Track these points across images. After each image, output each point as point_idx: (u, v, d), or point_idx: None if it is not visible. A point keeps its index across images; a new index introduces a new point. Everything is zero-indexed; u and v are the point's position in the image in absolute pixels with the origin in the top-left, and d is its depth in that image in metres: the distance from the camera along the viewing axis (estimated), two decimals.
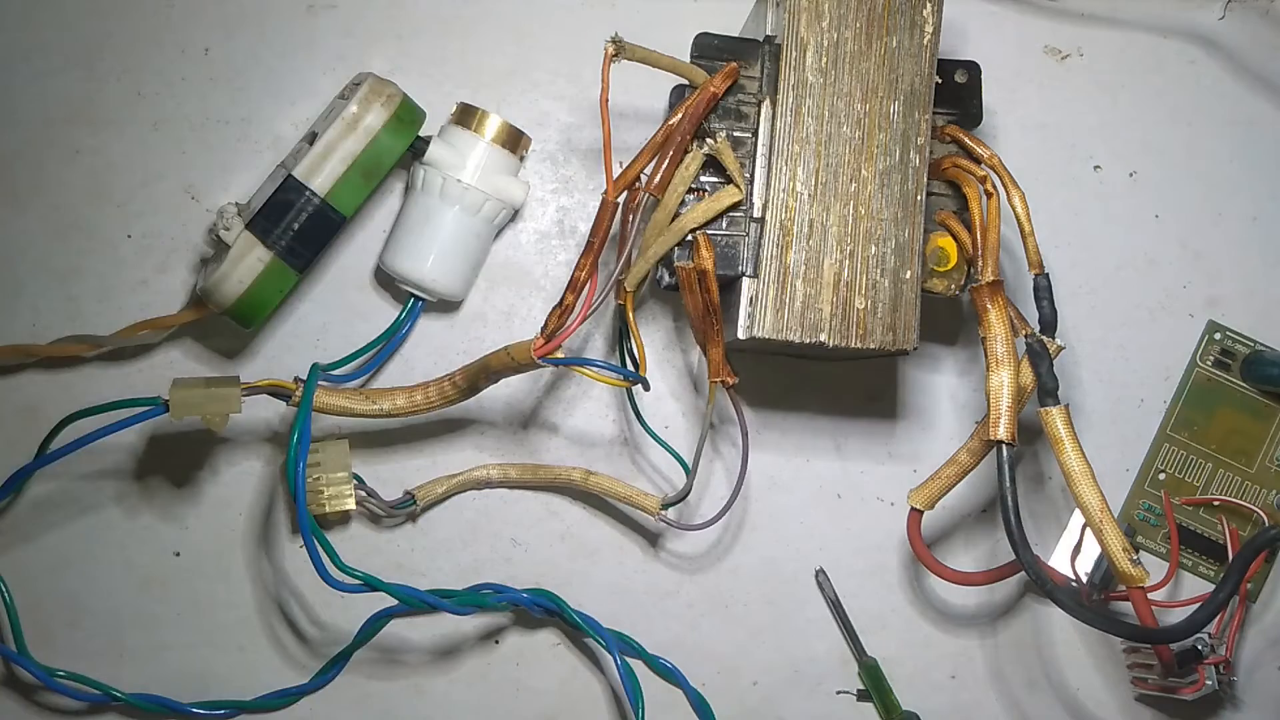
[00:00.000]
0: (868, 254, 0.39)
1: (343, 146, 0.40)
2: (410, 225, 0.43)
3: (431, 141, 0.43)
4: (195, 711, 0.43)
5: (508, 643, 0.45)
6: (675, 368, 0.47)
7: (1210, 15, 0.50)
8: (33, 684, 0.43)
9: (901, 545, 0.47)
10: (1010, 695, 0.47)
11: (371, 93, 0.41)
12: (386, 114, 0.41)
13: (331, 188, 0.40)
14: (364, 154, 0.41)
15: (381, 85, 0.42)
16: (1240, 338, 0.48)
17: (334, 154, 0.40)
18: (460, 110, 0.44)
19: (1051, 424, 0.39)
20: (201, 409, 0.38)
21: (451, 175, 0.42)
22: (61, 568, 0.44)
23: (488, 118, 0.43)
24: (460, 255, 0.43)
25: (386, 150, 0.41)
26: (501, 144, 0.43)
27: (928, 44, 0.40)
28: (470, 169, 0.43)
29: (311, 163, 0.40)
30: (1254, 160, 0.49)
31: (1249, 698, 0.47)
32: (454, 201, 0.42)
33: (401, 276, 0.43)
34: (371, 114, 0.41)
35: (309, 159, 0.40)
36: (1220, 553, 0.47)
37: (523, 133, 0.44)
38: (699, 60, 0.40)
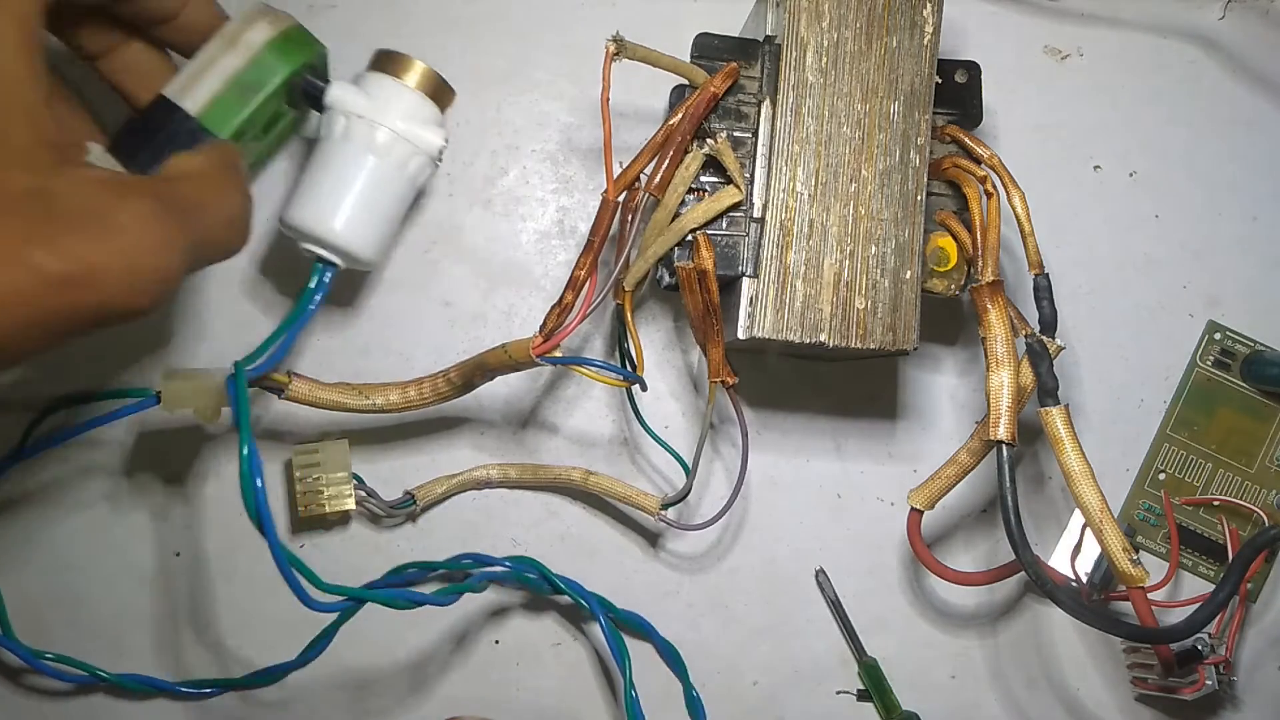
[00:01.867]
0: (868, 254, 0.39)
1: (220, 63, 0.36)
2: (314, 176, 0.39)
3: (337, 84, 0.39)
4: (182, 690, 0.43)
5: (507, 643, 0.45)
6: (675, 368, 0.47)
7: (1210, 15, 0.50)
8: (19, 667, 0.43)
9: (901, 545, 0.47)
10: (1010, 695, 0.47)
11: (257, 12, 0.37)
12: (272, 32, 0.37)
13: (204, 108, 0.36)
14: (244, 70, 0.36)
15: (271, 11, 0.38)
16: (1240, 338, 0.48)
17: (210, 70, 0.36)
18: (379, 55, 0.40)
19: (1051, 424, 0.39)
20: (194, 401, 0.38)
21: (358, 116, 0.38)
22: (49, 560, 0.44)
23: (413, 64, 0.39)
24: (371, 209, 0.39)
25: (268, 67, 0.37)
26: (425, 91, 0.39)
27: (928, 44, 0.40)
28: (382, 111, 0.38)
29: (184, 80, 0.36)
30: (1254, 160, 0.49)
31: (1249, 698, 0.47)
32: (363, 147, 0.38)
33: (303, 232, 0.38)
34: (254, 30, 0.37)
35: (181, 76, 0.36)
36: (1220, 553, 0.47)
37: (450, 87, 0.40)
38: (699, 60, 0.40)
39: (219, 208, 0.32)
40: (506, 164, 0.47)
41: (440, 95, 0.40)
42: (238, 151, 0.35)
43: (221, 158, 0.34)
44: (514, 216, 0.46)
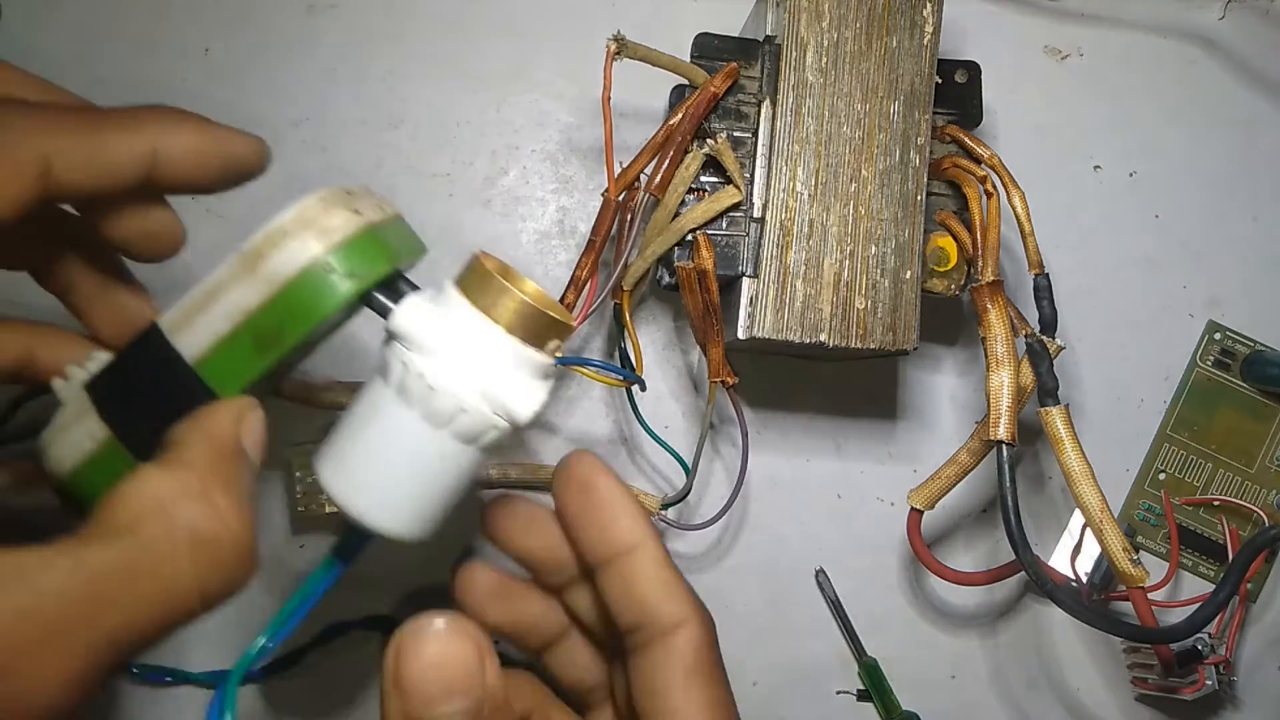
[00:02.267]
0: (868, 254, 0.39)
1: (229, 296, 0.26)
2: (353, 424, 0.28)
3: (405, 302, 0.27)
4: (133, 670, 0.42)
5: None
6: (675, 368, 0.47)
7: (1210, 15, 0.50)
8: None
9: (901, 545, 0.47)
10: (1010, 695, 0.47)
11: (299, 220, 0.26)
12: (318, 250, 0.25)
13: (205, 354, 0.26)
14: (260, 313, 0.26)
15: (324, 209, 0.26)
16: (1240, 338, 0.48)
17: (215, 304, 0.26)
18: (471, 269, 0.28)
19: (1051, 424, 0.39)
20: None
21: (416, 364, 0.27)
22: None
23: (506, 292, 0.27)
24: (421, 489, 0.28)
25: (298, 313, 0.26)
26: (525, 335, 0.27)
27: (928, 44, 0.40)
28: (456, 373, 0.27)
29: (183, 311, 0.27)
30: (1254, 160, 0.49)
31: (1249, 698, 0.47)
32: (424, 415, 0.27)
33: (329, 497, 0.28)
34: (283, 253, 0.25)
35: (181, 305, 0.27)
36: (1220, 553, 0.47)
37: (567, 319, 0.28)
38: (699, 60, 0.40)
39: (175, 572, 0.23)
40: (506, 164, 0.47)
41: (548, 332, 0.28)
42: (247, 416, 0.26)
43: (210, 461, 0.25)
44: (514, 216, 0.46)
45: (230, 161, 0.28)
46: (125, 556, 0.22)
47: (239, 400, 0.26)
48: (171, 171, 0.27)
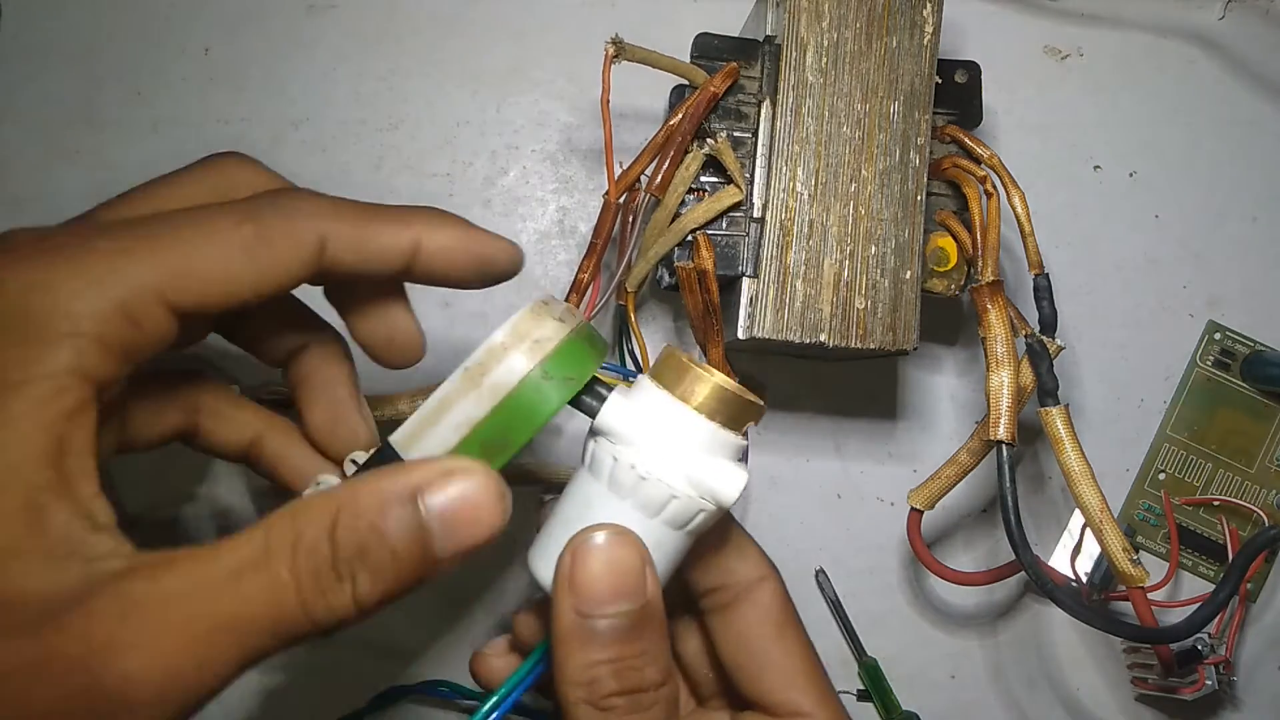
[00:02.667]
0: (868, 254, 0.39)
1: (456, 410, 0.28)
2: (566, 519, 0.30)
3: (609, 400, 0.29)
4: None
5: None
6: None
7: (1210, 15, 0.50)
8: None
9: (901, 545, 0.47)
10: (1010, 695, 0.47)
11: (514, 334, 0.28)
12: (529, 364, 0.28)
13: None
14: (486, 423, 0.28)
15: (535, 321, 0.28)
16: (1240, 338, 0.48)
17: (444, 418, 0.28)
18: (665, 361, 0.30)
19: (1051, 424, 0.39)
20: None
21: (626, 456, 0.29)
22: None
23: (703, 380, 0.29)
24: None
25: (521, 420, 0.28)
26: (718, 419, 0.29)
27: (928, 44, 0.40)
28: (660, 460, 0.29)
29: (414, 427, 0.29)
30: (1254, 160, 0.49)
31: (1249, 698, 0.47)
32: (632, 502, 0.29)
33: (542, 588, 0.30)
34: (503, 366, 0.28)
35: (411, 422, 0.29)
36: (1220, 553, 0.47)
37: (755, 404, 0.30)
38: (699, 60, 0.40)
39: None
40: (506, 164, 0.47)
41: (744, 415, 0.30)
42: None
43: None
44: (514, 216, 0.46)
45: (485, 262, 0.31)
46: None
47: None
48: (430, 264, 0.30)
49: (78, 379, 0.24)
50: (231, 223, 0.26)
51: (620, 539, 0.28)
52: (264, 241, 0.27)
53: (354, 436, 0.33)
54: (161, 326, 0.25)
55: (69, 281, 0.24)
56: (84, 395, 0.24)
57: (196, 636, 0.22)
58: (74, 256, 0.24)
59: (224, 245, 0.26)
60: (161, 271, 0.25)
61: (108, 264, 0.25)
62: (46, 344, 0.23)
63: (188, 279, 0.25)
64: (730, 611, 0.33)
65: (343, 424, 0.33)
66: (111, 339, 0.24)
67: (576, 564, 0.28)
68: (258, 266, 0.26)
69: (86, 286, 0.24)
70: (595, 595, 0.28)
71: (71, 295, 0.24)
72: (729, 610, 0.33)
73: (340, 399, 0.33)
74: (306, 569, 0.23)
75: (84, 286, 0.24)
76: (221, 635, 0.22)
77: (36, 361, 0.23)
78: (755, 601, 0.32)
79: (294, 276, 0.27)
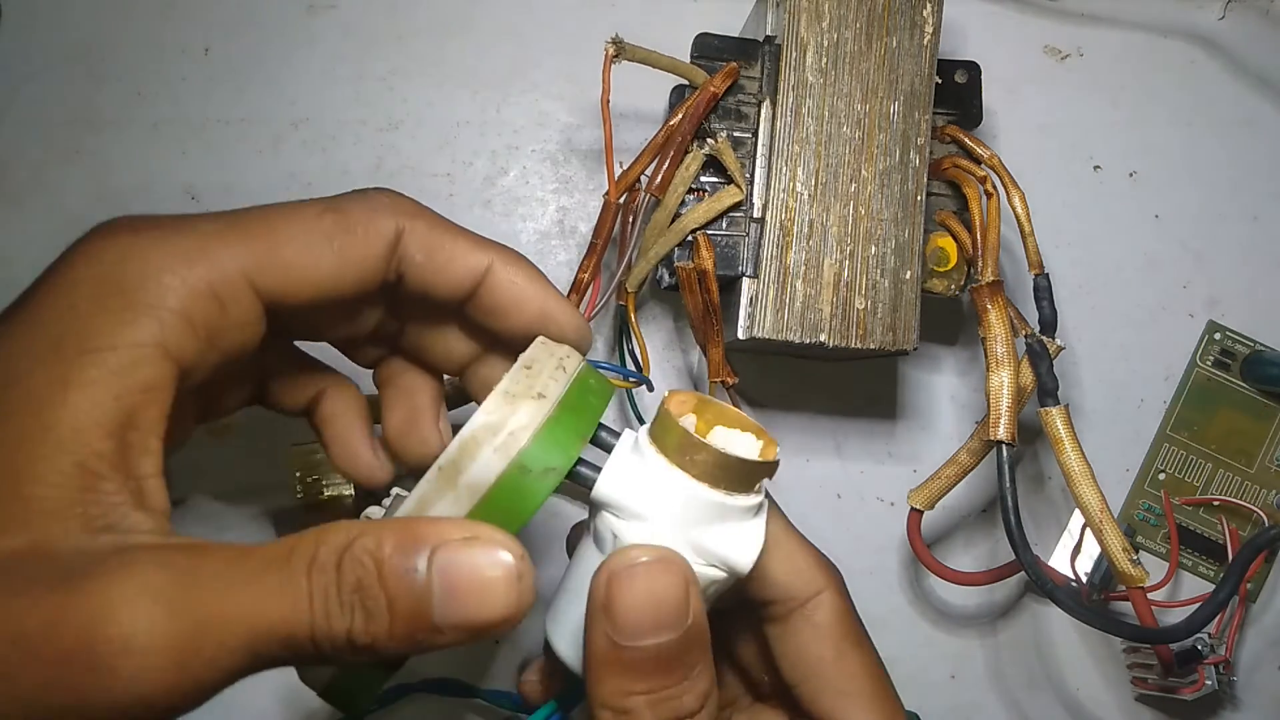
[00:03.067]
0: (868, 254, 0.39)
1: (436, 512, 0.26)
2: (575, 589, 0.29)
3: (605, 471, 0.27)
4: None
5: (507, 644, 0.45)
6: (675, 368, 0.47)
7: (1210, 15, 0.50)
8: None
9: (901, 545, 0.47)
10: (1010, 695, 0.47)
11: (487, 427, 0.26)
12: (506, 460, 0.26)
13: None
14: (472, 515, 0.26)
15: (509, 406, 0.26)
16: (1240, 338, 0.48)
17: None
18: (663, 422, 0.27)
19: (1051, 424, 0.39)
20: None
21: (627, 535, 0.27)
22: None
23: (702, 449, 0.26)
24: None
25: (503, 518, 0.26)
26: (723, 487, 0.27)
27: (928, 44, 0.40)
28: (660, 525, 0.27)
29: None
30: (1254, 160, 0.49)
31: (1249, 698, 0.47)
32: None
33: (555, 654, 0.29)
34: (478, 464, 0.26)
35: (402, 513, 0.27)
36: (1220, 553, 0.47)
37: (766, 461, 0.27)
38: (699, 60, 0.40)
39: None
40: (506, 164, 0.47)
41: (753, 475, 0.27)
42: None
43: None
44: (514, 216, 0.46)
45: (548, 318, 0.30)
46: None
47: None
48: (494, 296, 0.30)
49: (159, 353, 0.24)
50: (315, 211, 0.27)
51: (662, 564, 0.26)
52: (345, 229, 0.27)
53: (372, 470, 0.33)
54: (248, 312, 0.25)
55: (162, 257, 0.24)
56: (163, 372, 0.24)
57: (203, 624, 0.21)
58: (169, 235, 0.25)
59: (308, 232, 0.26)
60: (249, 255, 0.25)
61: (200, 244, 0.25)
62: (133, 313, 0.23)
63: (274, 264, 0.26)
64: (786, 626, 0.31)
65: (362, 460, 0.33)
66: (197, 318, 0.24)
67: (613, 590, 0.26)
68: (340, 256, 0.27)
69: (177, 262, 0.24)
70: (632, 626, 0.26)
71: (161, 269, 0.24)
72: (785, 624, 0.31)
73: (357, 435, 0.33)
74: (319, 585, 0.22)
75: (175, 262, 0.24)
76: (230, 629, 0.22)
77: (120, 330, 0.23)
78: (811, 618, 0.31)
79: (371, 270, 0.27)
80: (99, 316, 0.23)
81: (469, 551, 0.23)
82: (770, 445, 0.28)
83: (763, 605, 0.31)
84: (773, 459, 0.27)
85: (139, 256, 0.24)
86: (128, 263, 0.24)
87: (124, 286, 0.24)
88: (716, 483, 0.27)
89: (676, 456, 0.27)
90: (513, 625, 0.23)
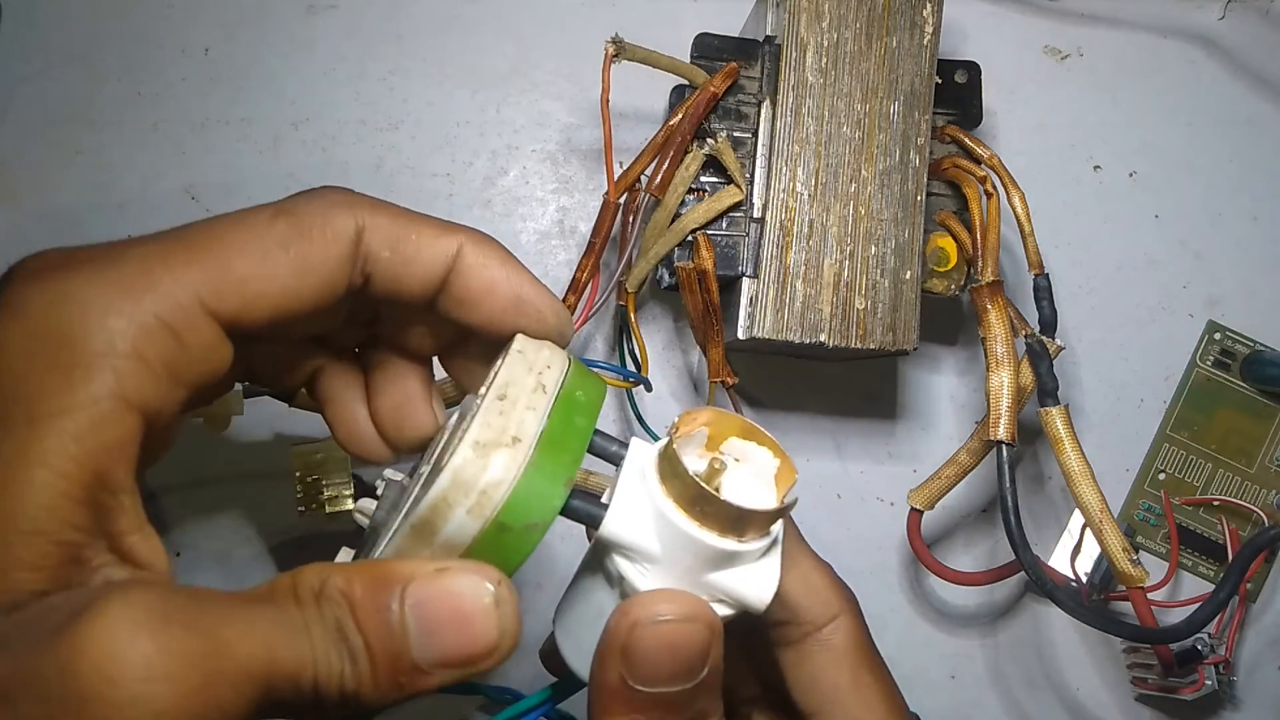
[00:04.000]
0: (868, 254, 0.39)
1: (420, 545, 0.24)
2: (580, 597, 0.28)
3: (611, 514, 0.26)
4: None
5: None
6: (675, 368, 0.47)
7: (1210, 15, 0.50)
8: None
9: (901, 545, 0.47)
10: (1010, 695, 0.47)
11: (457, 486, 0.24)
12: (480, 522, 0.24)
13: None
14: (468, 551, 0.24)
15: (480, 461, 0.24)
16: (1240, 338, 0.48)
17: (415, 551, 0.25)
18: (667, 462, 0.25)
19: (1051, 424, 0.39)
20: (205, 410, 0.38)
21: (635, 581, 0.26)
22: None
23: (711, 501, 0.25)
24: None
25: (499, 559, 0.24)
26: (733, 535, 0.25)
27: (928, 44, 0.40)
28: (669, 568, 0.26)
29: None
30: (1254, 160, 0.49)
31: (1249, 698, 0.47)
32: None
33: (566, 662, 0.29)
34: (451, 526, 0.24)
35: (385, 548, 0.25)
36: (1220, 553, 0.47)
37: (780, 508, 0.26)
38: (699, 60, 0.40)
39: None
40: (506, 164, 0.47)
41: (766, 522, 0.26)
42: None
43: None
44: (514, 216, 0.46)
45: (524, 304, 0.28)
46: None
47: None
48: (467, 285, 0.27)
49: (119, 407, 0.21)
50: (265, 218, 0.24)
51: (687, 624, 0.25)
52: (300, 234, 0.24)
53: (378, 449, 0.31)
54: (207, 340, 0.23)
55: (101, 295, 0.21)
56: (127, 426, 0.21)
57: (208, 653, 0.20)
58: (104, 268, 0.22)
59: (259, 240, 0.24)
60: (199, 276, 0.23)
61: (141, 272, 0.22)
62: (81, 368, 0.21)
63: (227, 282, 0.23)
64: (799, 650, 0.30)
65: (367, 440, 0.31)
66: (153, 358, 0.22)
67: (634, 639, 0.24)
68: (297, 264, 0.24)
69: (119, 298, 0.21)
70: (649, 676, 0.25)
71: (104, 310, 0.21)
72: (798, 648, 0.30)
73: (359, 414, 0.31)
74: (312, 618, 0.21)
75: (117, 298, 0.21)
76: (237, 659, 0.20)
77: (71, 389, 0.21)
78: (826, 643, 0.29)
79: (334, 276, 0.25)
80: (44, 377, 0.21)
81: (442, 582, 0.22)
82: (787, 466, 0.27)
83: (774, 626, 0.30)
84: (788, 501, 0.26)
85: (75, 299, 0.21)
86: (63, 308, 0.21)
87: (64, 337, 0.21)
88: (727, 532, 0.25)
89: (687, 507, 0.25)
90: (502, 657, 0.23)
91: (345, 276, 0.25)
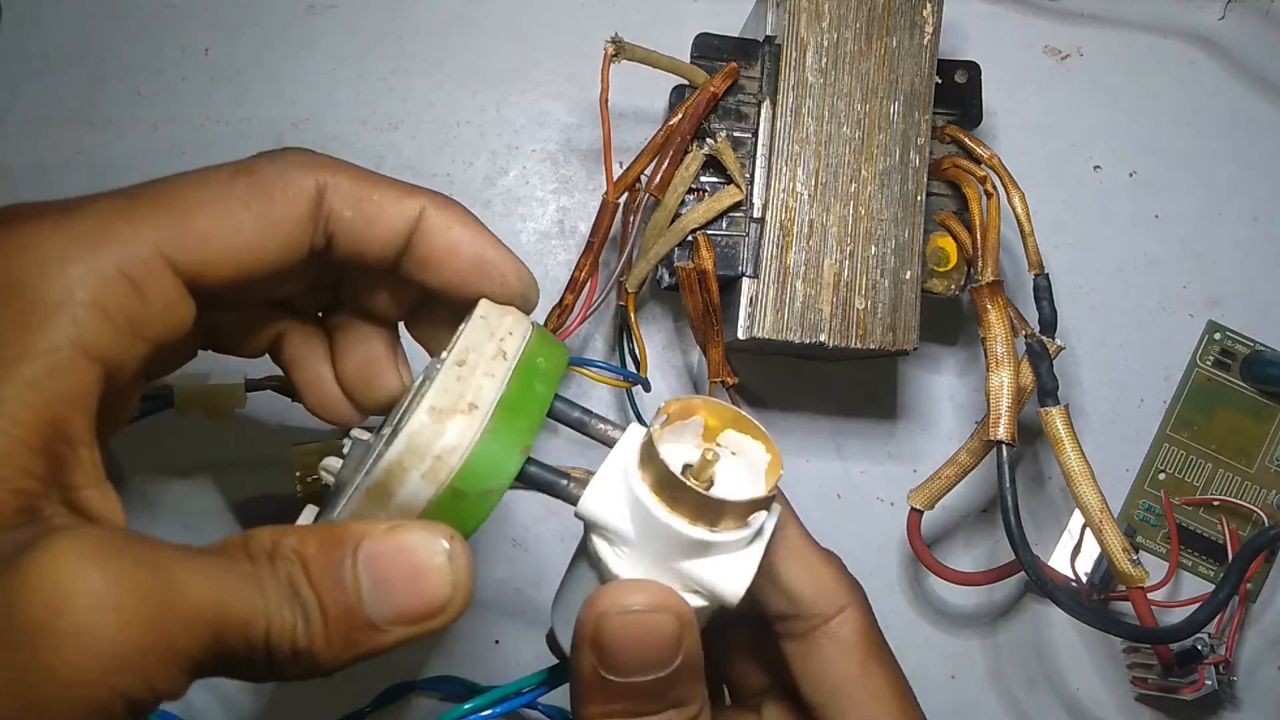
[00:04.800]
0: (868, 254, 0.39)
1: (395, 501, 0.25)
2: (569, 581, 0.29)
3: (590, 491, 0.26)
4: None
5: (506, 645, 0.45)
6: (675, 368, 0.47)
7: (1210, 15, 0.50)
8: None
9: (901, 545, 0.47)
10: (1010, 695, 0.47)
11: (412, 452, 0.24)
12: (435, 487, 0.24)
13: None
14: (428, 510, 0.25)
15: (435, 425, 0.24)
16: (1240, 338, 0.48)
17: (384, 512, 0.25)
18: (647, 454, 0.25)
19: (1051, 424, 0.39)
20: (206, 403, 0.38)
21: (613, 566, 0.26)
22: None
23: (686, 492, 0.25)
24: None
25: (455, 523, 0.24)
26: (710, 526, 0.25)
27: (928, 44, 0.40)
28: (647, 555, 0.26)
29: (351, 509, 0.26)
30: (1254, 160, 0.49)
31: (1249, 698, 0.47)
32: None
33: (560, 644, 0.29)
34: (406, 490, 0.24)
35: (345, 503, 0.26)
36: (1220, 553, 0.47)
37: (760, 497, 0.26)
38: (699, 60, 0.40)
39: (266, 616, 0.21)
40: (506, 164, 0.47)
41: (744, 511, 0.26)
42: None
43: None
44: (514, 216, 0.46)
45: (487, 265, 0.28)
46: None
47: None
48: (430, 246, 0.27)
49: (78, 355, 0.21)
50: (225, 176, 0.24)
51: (655, 614, 0.25)
52: (261, 192, 0.24)
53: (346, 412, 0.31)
54: (168, 294, 0.23)
55: (61, 244, 0.21)
56: (86, 376, 0.21)
57: (158, 591, 0.19)
58: (65, 220, 0.22)
59: (222, 198, 0.24)
60: (160, 230, 0.23)
61: (102, 224, 0.22)
62: (39, 315, 0.21)
63: (188, 237, 0.23)
64: (806, 643, 0.30)
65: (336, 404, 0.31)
66: (114, 308, 0.21)
67: (602, 629, 0.25)
68: (258, 222, 0.24)
69: (79, 248, 0.21)
70: (619, 666, 0.25)
71: (63, 258, 0.21)
72: (805, 641, 0.30)
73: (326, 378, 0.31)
74: (264, 571, 0.21)
75: (76, 248, 0.21)
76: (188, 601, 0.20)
77: (28, 336, 0.20)
78: (834, 635, 0.29)
79: (296, 235, 0.25)
80: (1, 324, 0.21)
81: (395, 538, 0.22)
82: (776, 461, 0.27)
83: (780, 620, 0.30)
84: (768, 495, 0.26)
85: (34, 248, 0.21)
86: (22, 256, 0.21)
87: (22, 284, 0.21)
88: (698, 520, 0.25)
89: (659, 491, 0.25)
90: (455, 613, 0.23)
91: (307, 236, 0.25)
